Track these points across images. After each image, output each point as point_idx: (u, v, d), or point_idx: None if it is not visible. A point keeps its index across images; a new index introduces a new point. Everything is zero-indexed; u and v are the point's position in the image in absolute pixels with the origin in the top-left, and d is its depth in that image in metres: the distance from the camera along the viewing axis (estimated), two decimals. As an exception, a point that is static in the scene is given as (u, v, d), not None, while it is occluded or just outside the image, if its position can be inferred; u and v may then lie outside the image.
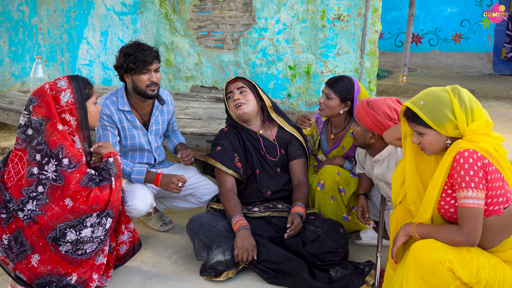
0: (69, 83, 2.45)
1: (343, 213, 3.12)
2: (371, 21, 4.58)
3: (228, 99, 3.11)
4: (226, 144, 3.07)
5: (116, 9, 5.48)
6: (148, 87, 2.94)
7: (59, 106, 2.40)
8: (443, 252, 2.04)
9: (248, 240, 2.72)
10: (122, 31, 5.49)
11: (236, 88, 3.08)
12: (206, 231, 2.77)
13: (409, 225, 2.22)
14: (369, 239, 3.15)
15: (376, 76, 4.75)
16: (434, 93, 2.15)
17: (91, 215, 2.38)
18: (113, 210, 2.45)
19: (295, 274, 2.63)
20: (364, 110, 2.67)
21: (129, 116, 3.03)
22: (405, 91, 8.06)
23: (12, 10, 5.56)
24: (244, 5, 4.97)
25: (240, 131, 3.13)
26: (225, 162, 3.02)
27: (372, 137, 2.70)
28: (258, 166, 3.10)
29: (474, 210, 2.01)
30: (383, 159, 2.74)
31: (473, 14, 9.44)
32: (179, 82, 5.39)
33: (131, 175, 2.94)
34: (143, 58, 2.88)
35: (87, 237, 2.39)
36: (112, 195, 2.44)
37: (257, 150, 3.12)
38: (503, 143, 2.17)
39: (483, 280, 2.06)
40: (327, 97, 3.12)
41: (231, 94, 3.09)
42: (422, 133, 2.16)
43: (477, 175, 2.01)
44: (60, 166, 2.35)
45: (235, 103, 3.06)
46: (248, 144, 3.11)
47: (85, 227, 2.37)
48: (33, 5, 5.69)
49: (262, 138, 3.13)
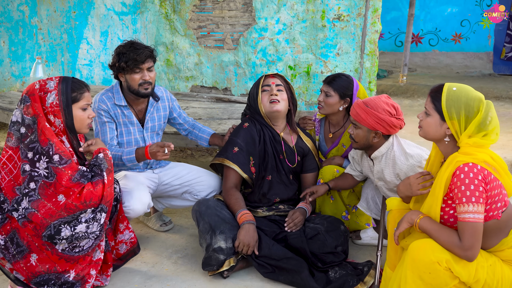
0: (58, 84, 2.42)
1: (342, 212, 3.12)
2: (371, 21, 4.58)
3: (262, 92, 3.02)
4: (244, 145, 2.99)
5: (116, 9, 5.48)
6: (141, 85, 2.94)
7: (45, 107, 2.39)
8: (441, 252, 2.05)
9: (251, 235, 2.71)
10: (122, 31, 5.49)
11: (275, 84, 3.02)
12: (212, 214, 2.77)
13: (415, 214, 2.20)
14: (369, 239, 3.15)
15: (376, 76, 4.75)
16: (470, 92, 2.12)
17: (85, 211, 2.37)
18: (107, 205, 2.45)
19: (292, 271, 2.63)
20: (364, 111, 2.65)
21: (125, 111, 3.03)
22: (405, 91, 8.06)
23: (12, 10, 5.55)
24: (244, 5, 4.97)
25: (264, 129, 3.05)
26: (242, 166, 2.96)
27: (375, 137, 2.70)
28: (272, 170, 3.05)
29: (474, 225, 2.01)
30: (382, 155, 2.74)
31: (473, 14, 9.44)
32: (179, 82, 5.39)
33: (122, 157, 2.92)
34: (134, 57, 2.87)
35: (82, 232, 2.38)
36: (105, 189, 2.43)
37: (277, 153, 3.06)
38: (503, 143, 2.17)
39: (482, 280, 2.07)
40: (326, 94, 3.12)
41: (268, 87, 3.01)
42: (428, 114, 2.17)
43: (478, 190, 2.01)
44: (51, 162, 2.35)
45: (271, 98, 2.98)
46: (269, 145, 3.04)
47: (80, 223, 2.36)
48: (33, 5, 5.69)
49: (284, 142, 3.08)
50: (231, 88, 5.24)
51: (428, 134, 2.20)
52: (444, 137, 2.15)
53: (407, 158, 2.66)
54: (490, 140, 2.10)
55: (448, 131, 2.13)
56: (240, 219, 2.78)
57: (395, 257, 2.40)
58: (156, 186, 3.18)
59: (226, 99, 4.77)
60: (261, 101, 3.01)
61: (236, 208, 2.85)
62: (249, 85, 5.10)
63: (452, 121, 2.09)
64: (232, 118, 4.05)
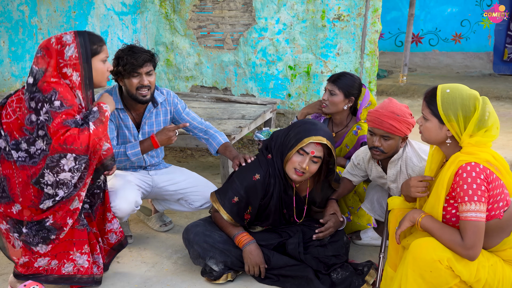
0: (75, 38, 2.40)
1: (345, 214, 3.12)
2: (371, 21, 4.58)
3: (296, 152, 2.58)
4: (245, 196, 2.68)
5: (116, 9, 5.48)
6: (138, 90, 2.88)
7: (63, 60, 2.37)
8: (442, 251, 2.05)
9: (255, 255, 2.67)
10: (122, 31, 5.49)
11: (313, 155, 2.57)
12: (200, 241, 2.71)
13: (417, 213, 2.20)
14: (369, 239, 3.15)
15: (376, 76, 4.75)
16: (464, 91, 2.12)
17: (66, 156, 2.31)
18: (90, 156, 2.38)
19: (297, 277, 2.64)
20: (397, 121, 2.60)
21: (121, 114, 3.01)
22: (405, 91, 8.06)
23: (12, 10, 5.55)
24: (244, 5, 4.97)
25: (277, 180, 2.71)
26: (234, 216, 2.71)
27: (402, 142, 2.71)
28: (273, 223, 2.83)
29: (476, 224, 2.01)
30: (399, 158, 2.73)
31: (473, 14, 9.44)
32: (179, 82, 5.39)
33: (126, 152, 2.90)
34: (132, 61, 2.82)
35: (67, 179, 2.34)
36: (91, 139, 2.35)
37: (281, 208, 2.80)
38: (503, 143, 2.17)
39: (482, 279, 2.07)
40: (331, 93, 3.11)
41: (304, 155, 2.57)
42: (426, 119, 2.17)
43: (480, 189, 2.01)
44: (51, 107, 2.32)
45: (298, 168, 2.58)
46: (275, 200, 2.73)
47: (63, 170, 2.32)
48: (33, 5, 5.69)
49: (296, 196, 2.78)
50: (231, 88, 5.24)
51: (430, 139, 2.20)
52: (446, 139, 2.15)
53: (420, 161, 2.66)
54: (491, 136, 2.10)
55: (449, 133, 2.13)
56: (239, 243, 2.71)
57: (396, 256, 2.40)
58: (150, 187, 3.15)
59: (226, 99, 4.77)
60: (289, 159, 2.61)
61: (233, 232, 2.73)
62: (249, 85, 5.10)
63: (451, 123, 2.09)
64: (232, 118, 4.04)
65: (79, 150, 2.32)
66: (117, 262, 2.92)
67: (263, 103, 4.62)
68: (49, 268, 2.50)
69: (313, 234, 2.77)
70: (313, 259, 2.69)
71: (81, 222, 2.53)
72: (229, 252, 2.71)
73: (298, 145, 2.56)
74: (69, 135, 2.30)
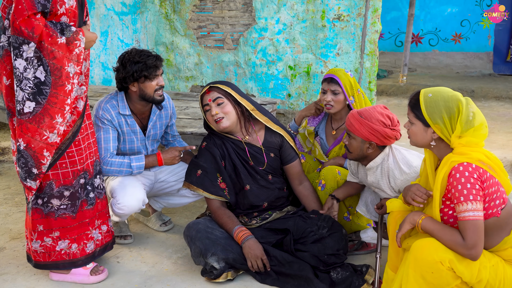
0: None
1: (344, 213, 3.12)
2: (371, 21, 4.59)
3: (205, 112, 2.90)
4: (207, 165, 2.88)
5: (116, 9, 5.48)
6: (156, 91, 2.95)
7: None
8: (444, 252, 2.05)
9: (254, 248, 2.69)
10: (122, 31, 5.49)
11: (211, 100, 2.86)
12: (203, 238, 2.73)
13: (417, 214, 2.20)
14: (369, 239, 3.15)
15: (376, 76, 4.75)
16: (446, 94, 2.15)
17: (29, 43, 2.24)
18: (49, 50, 2.28)
19: (297, 277, 2.63)
20: (358, 122, 2.63)
21: (129, 120, 3.03)
22: (405, 91, 8.06)
23: (12, 10, 5.54)
24: (244, 5, 4.98)
25: (225, 141, 2.94)
26: (207, 188, 2.86)
27: (369, 147, 2.68)
28: (247, 180, 2.93)
29: (475, 222, 2.01)
30: (377, 166, 2.73)
31: (473, 14, 9.45)
32: (179, 82, 5.39)
33: (131, 164, 2.94)
34: (154, 64, 2.88)
35: (19, 71, 2.26)
36: (53, 39, 2.27)
37: (245, 161, 2.95)
38: (503, 143, 2.18)
39: (484, 280, 2.07)
40: (334, 92, 3.13)
41: (208, 107, 2.88)
42: (412, 123, 2.23)
43: (474, 188, 2.02)
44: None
45: (214, 118, 2.86)
46: (235, 157, 2.93)
47: (21, 56, 2.25)
48: (33, 5, 5.68)
49: (248, 146, 2.95)
50: (231, 88, 5.23)
51: (417, 142, 2.25)
52: (431, 141, 2.18)
53: (401, 173, 2.65)
54: (482, 135, 2.12)
55: (434, 135, 2.16)
56: (238, 238, 2.75)
57: (396, 258, 2.40)
58: (152, 184, 3.19)
59: (226, 99, 4.76)
60: (209, 122, 2.91)
61: (229, 227, 2.80)
62: (249, 85, 5.11)
63: (437, 125, 2.13)
64: (232, 118, 4.05)
65: (36, 39, 2.25)
66: (117, 262, 2.93)
67: (263, 103, 4.62)
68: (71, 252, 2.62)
69: (309, 228, 2.78)
70: (312, 258, 2.69)
71: (90, 201, 2.65)
72: (231, 247, 2.72)
73: (201, 106, 2.92)
74: (35, 23, 2.22)
